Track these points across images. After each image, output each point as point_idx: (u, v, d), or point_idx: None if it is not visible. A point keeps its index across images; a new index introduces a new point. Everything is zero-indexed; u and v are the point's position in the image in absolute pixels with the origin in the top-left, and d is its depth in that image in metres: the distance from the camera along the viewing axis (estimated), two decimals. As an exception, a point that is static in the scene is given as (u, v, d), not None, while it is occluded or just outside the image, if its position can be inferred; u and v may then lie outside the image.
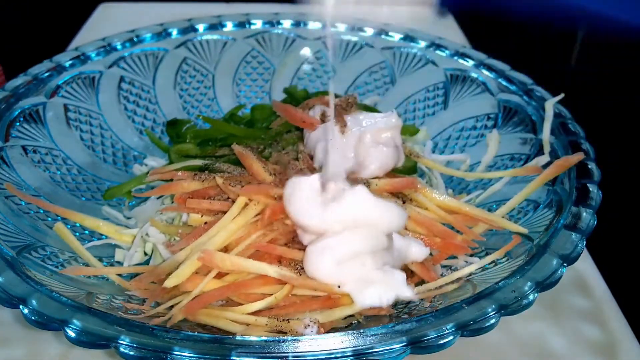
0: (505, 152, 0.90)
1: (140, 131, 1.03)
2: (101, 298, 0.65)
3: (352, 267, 0.64)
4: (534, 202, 0.77)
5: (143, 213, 0.82)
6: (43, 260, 0.69)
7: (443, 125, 1.01)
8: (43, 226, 0.75)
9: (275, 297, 0.64)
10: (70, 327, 0.54)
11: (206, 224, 0.71)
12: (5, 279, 0.59)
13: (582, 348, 0.74)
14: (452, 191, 0.91)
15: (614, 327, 0.77)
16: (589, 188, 0.71)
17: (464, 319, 0.55)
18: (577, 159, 0.75)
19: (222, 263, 0.63)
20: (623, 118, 1.55)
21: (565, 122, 0.84)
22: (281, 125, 0.91)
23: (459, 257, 0.76)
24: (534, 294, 0.58)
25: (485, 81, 0.98)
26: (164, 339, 0.53)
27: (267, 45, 1.13)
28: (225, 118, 1.05)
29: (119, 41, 1.02)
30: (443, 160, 0.96)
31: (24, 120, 0.85)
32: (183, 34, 1.08)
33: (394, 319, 0.65)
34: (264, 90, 1.15)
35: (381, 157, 0.78)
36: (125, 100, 1.02)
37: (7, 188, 0.74)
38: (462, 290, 0.64)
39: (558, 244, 0.64)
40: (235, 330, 0.61)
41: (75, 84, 0.95)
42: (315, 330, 0.61)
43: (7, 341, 0.73)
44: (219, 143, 0.92)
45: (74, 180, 0.88)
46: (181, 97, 1.09)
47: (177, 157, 0.89)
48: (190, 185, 0.75)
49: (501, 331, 0.75)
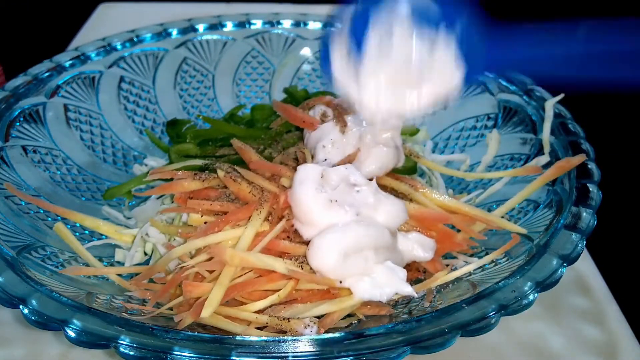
0: (505, 152, 0.90)
1: (140, 131, 1.03)
2: (101, 298, 0.65)
3: (355, 261, 0.65)
4: (534, 202, 0.77)
5: (143, 213, 0.82)
6: (43, 260, 0.69)
7: (443, 125, 1.01)
8: (43, 226, 0.75)
9: (278, 296, 0.64)
10: (70, 327, 0.54)
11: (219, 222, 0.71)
12: (5, 279, 0.59)
13: (582, 348, 0.74)
14: (452, 191, 0.91)
15: (614, 327, 0.77)
16: (589, 188, 0.71)
17: (464, 319, 0.55)
18: (579, 160, 0.75)
19: (232, 260, 0.63)
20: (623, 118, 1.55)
21: (565, 122, 0.84)
22: (281, 125, 0.91)
23: (458, 257, 0.76)
24: (534, 294, 0.58)
25: (485, 81, 0.98)
26: (164, 339, 0.53)
27: (267, 45, 1.13)
28: (225, 118, 1.05)
29: (119, 41, 1.02)
30: (443, 160, 0.96)
31: (24, 120, 0.85)
32: (183, 34, 1.08)
33: (394, 318, 0.65)
34: (264, 90, 1.15)
35: (381, 157, 0.78)
36: (125, 100, 1.02)
37: (7, 188, 0.74)
38: (462, 290, 0.64)
39: (558, 244, 0.64)
40: (237, 331, 0.61)
41: (75, 84, 0.95)
42: (315, 330, 0.61)
43: (7, 341, 0.73)
44: (219, 143, 0.92)
45: (74, 180, 0.88)
46: (181, 97, 1.09)
47: (177, 157, 0.89)
48: (191, 184, 0.75)
49: (501, 331, 0.75)
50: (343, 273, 0.64)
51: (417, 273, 0.73)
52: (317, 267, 0.64)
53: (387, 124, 0.75)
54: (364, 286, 0.65)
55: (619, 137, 1.52)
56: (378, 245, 0.66)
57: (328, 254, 0.64)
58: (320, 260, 0.64)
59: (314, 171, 0.69)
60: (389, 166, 0.79)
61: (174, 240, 0.77)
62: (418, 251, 0.71)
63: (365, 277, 0.65)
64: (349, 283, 0.65)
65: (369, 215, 0.67)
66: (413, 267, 0.73)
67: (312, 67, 1.14)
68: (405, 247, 0.71)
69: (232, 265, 0.63)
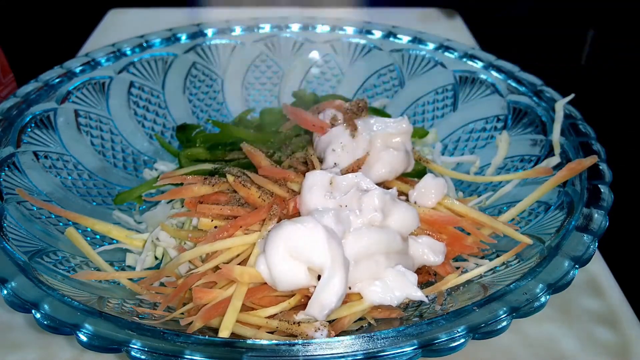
0: (515, 154, 0.89)
1: (150, 136, 1.03)
2: (112, 302, 0.65)
3: (366, 265, 0.65)
4: (545, 204, 0.76)
5: (153, 217, 0.83)
6: (55, 265, 0.69)
7: (452, 127, 1.01)
8: (54, 231, 0.76)
9: (289, 303, 0.64)
10: (82, 331, 0.54)
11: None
12: (17, 283, 0.59)
13: (595, 350, 0.74)
14: (462, 194, 0.91)
15: (627, 329, 0.76)
16: (601, 189, 0.70)
17: (475, 322, 0.55)
18: (591, 162, 0.74)
19: (241, 277, 0.63)
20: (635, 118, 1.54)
21: (575, 122, 0.84)
22: (290, 129, 0.92)
23: (469, 259, 0.75)
24: (546, 296, 0.58)
25: (494, 82, 0.98)
26: (175, 342, 0.53)
27: (275, 49, 1.13)
28: (235, 122, 1.05)
29: (128, 47, 1.02)
30: (453, 162, 0.95)
31: (35, 126, 0.86)
32: (192, 38, 1.08)
33: (405, 321, 0.65)
34: (273, 94, 1.15)
35: (392, 161, 0.78)
36: (135, 105, 1.02)
37: (19, 193, 0.75)
38: (473, 292, 0.64)
39: (570, 245, 0.63)
40: (248, 334, 0.61)
41: (86, 89, 0.96)
42: (325, 334, 0.61)
43: (20, 345, 0.74)
44: (229, 147, 0.92)
45: (85, 185, 0.89)
46: (190, 102, 1.10)
47: (187, 161, 0.89)
48: (201, 189, 0.75)
49: (513, 333, 0.75)
50: (354, 277, 0.64)
51: (427, 276, 0.73)
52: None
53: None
54: (375, 290, 0.64)
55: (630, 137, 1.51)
56: (390, 250, 0.66)
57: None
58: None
59: (322, 178, 0.69)
60: (399, 170, 0.79)
61: (184, 244, 0.77)
62: (429, 256, 0.71)
63: (376, 281, 0.65)
64: (359, 288, 0.65)
65: (381, 220, 0.67)
66: (424, 270, 0.73)
67: (321, 70, 1.15)
68: (416, 252, 0.71)
69: (243, 282, 0.64)
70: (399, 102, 1.09)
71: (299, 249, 0.61)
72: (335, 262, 0.61)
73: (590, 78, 2.22)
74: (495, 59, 1.01)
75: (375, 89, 1.12)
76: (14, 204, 0.73)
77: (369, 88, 1.12)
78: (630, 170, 1.24)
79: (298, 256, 0.62)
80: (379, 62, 1.11)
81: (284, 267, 0.62)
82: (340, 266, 0.61)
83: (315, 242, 0.61)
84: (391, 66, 1.10)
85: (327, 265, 0.61)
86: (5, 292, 0.58)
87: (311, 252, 0.61)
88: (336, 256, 0.61)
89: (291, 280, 0.62)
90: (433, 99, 1.06)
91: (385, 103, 1.10)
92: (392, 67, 1.10)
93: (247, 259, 0.67)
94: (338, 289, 0.61)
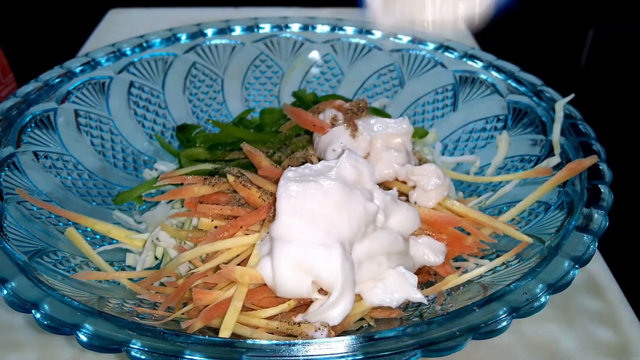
0: (515, 154, 0.89)
1: (150, 136, 1.03)
2: (112, 302, 0.65)
3: (369, 267, 0.65)
4: (545, 204, 0.76)
5: (153, 217, 0.83)
6: (55, 265, 0.69)
7: (452, 127, 1.01)
8: (54, 231, 0.76)
9: (289, 304, 0.64)
10: (82, 331, 0.54)
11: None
12: (17, 283, 0.59)
13: (595, 350, 0.74)
14: (462, 194, 0.91)
15: (627, 329, 0.76)
16: (601, 189, 0.70)
17: (475, 322, 0.55)
18: (591, 162, 0.74)
19: (242, 278, 0.63)
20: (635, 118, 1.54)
21: (575, 122, 0.84)
22: (290, 129, 0.92)
23: (469, 259, 0.75)
24: (546, 296, 0.58)
25: (494, 82, 0.98)
26: (175, 342, 0.53)
27: (275, 49, 1.13)
28: (235, 122, 1.05)
29: (128, 47, 1.02)
30: (453, 162, 0.95)
31: (35, 126, 0.86)
32: (192, 38, 1.08)
33: (405, 321, 0.65)
34: (273, 94, 1.15)
35: (392, 161, 0.78)
36: (135, 105, 1.02)
37: (19, 193, 0.75)
38: (473, 292, 0.64)
39: (570, 245, 0.63)
40: (248, 334, 0.61)
41: (86, 89, 0.96)
42: (325, 334, 0.61)
43: (20, 345, 0.74)
44: (229, 147, 0.92)
45: (85, 185, 0.89)
46: (190, 102, 1.10)
47: (187, 161, 0.89)
48: (201, 189, 0.75)
49: (513, 333, 0.75)
50: (357, 279, 0.64)
51: (428, 276, 0.73)
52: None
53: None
54: (375, 292, 0.64)
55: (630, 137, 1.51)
56: (391, 251, 0.66)
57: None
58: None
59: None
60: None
61: (184, 244, 0.77)
62: (429, 256, 0.71)
63: (377, 282, 0.65)
64: (359, 289, 0.65)
65: (383, 222, 0.67)
66: (424, 270, 0.73)
67: (321, 70, 1.15)
68: (416, 252, 0.71)
69: (243, 283, 0.63)
70: (399, 102, 1.09)
71: (309, 264, 0.61)
72: (346, 283, 0.61)
73: (590, 78, 2.21)
74: (496, 59, 1.01)
75: (375, 89, 1.12)
76: (14, 204, 0.73)
77: (369, 88, 1.12)
78: (630, 170, 1.24)
79: (307, 270, 0.61)
80: (379, 62, 1.11)
81: (289, 276, 0.61)
82: (350, 289, 0.61)
83: (329, 263, 0.61)
84: (391, 66, 1.10)
85: (337, 286, 0.60)
86: (5, 292, 0.58)
87: (322, 271, 0.61)
88: (348, 278, 0.61)
89: (293, 290, 0.62)
90: (433, 99, 1.06)
91: (385, 103, 1.10)
92: (392, 67, 1.10)
93: (247, 259, 0.67)
94: (344, 311, 0.61)
